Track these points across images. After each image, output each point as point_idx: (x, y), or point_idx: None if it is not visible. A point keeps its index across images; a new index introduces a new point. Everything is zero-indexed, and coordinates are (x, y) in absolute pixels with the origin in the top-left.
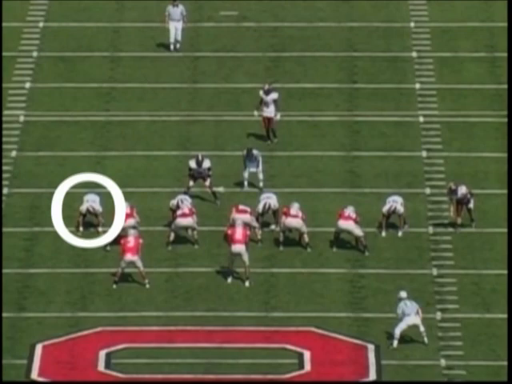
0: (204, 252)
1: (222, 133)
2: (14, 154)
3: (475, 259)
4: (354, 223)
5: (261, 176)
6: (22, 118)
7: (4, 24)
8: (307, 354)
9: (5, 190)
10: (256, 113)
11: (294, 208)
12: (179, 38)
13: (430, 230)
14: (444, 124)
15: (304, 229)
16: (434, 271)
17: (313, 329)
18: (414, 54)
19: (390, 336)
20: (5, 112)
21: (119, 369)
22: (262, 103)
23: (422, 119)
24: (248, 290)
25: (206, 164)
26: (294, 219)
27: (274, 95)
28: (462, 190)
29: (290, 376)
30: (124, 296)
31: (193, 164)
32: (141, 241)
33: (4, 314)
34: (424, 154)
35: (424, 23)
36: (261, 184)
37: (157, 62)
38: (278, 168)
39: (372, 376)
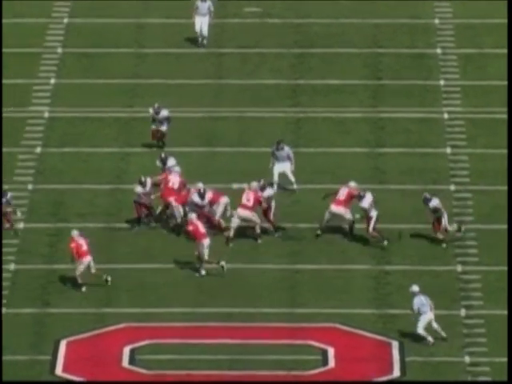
0: (229, 249)
1: (246, 129)
2: (38, 150)
3: (499, 256)
4: (345, 208)
5: (292, 177)
6: (46, 114)
7: (29, 20)
8: (331, 351)
9: (29, 186)
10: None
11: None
12: (205, 33)
13: (455, 226)
14: (468, 120)
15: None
16: (459, 268)
17: (337, 325)
18: (439, 51)
19: (417, 337)
20: (30, 108)
21: (143, 365)
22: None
23: (446, 116)
24: (272, 287)
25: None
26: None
27: (164, 113)
28: (435, 202)
29: (314, 372)
30: (148, 292)
31: (196, 198)
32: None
33: (28, 310)
34: (448, 150)
35: (448, 20)
36: (294, 186)
37: (181, 58)
38: (302, 164)
39: (396, 373)
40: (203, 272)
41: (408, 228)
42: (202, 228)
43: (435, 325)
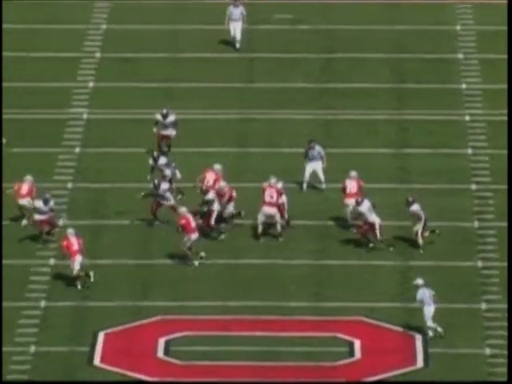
0: (259, 245)
1: (277, 130)
2: (77, 150)
3: None
4: (355, 198)
5: (322, 176)
6: (85, 116)
7: (68, 26)
8: (357, 343)
9: (69, 185)
10: (155, 129)
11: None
12: (239, 37)
13: (476, 224)
14: (489, 122)
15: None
16: (479, 263)
17: (363, 318)
18: (461, 56)
19: (429, 329)
20: (69, 110)
21: (178, 356)
22: (160, 124)
23: (467, 118)
24: (301, 281)
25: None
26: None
27: (171, 117)
28: (415, 207)
29: (341, 364)
30: (183, 286)
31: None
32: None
33: (68, 303)
34: (470, 151)
35: (470, 26)
36: (323, 185)
37: (214, 63)
38: (330, 164)
39: (419, 364)
40: (196, 263)
41: (432, 226)
42: (192, 222)
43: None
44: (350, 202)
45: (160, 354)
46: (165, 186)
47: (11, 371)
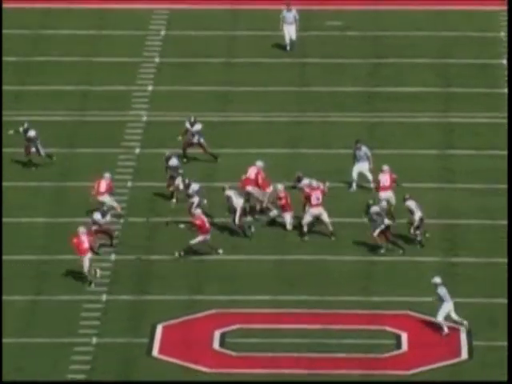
0: (308, 242)
1: (328, 132)
2: (137, 151)
3: None
4: (391, 191)
5: (369, 176)
6: (144, 118)
7: (129, 32)
8: (404, 336)
9: (129, 184)
10: (180, 137)
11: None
12: (294, 38)
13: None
14: None
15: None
16: None
17: (409, 312)
18: (504, 62)
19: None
20: (129, 112)
21: (232, 347)
22: (188, 132)
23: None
24: (349, 277)
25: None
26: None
27: (198, 126)
28: (408, 202)
29: (389, 355)
30: (236, 281)
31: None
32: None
33: (127, 297)
34: None
35: None
36: (371, 185)
37: (268, 67)
38: (377, 165)
39: (464, 355)
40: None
41: (474, 224)
42: (207, 223)
43: (455, 315)
44: (384, 195)
45: (216, 345)
46: (195, 186)
47: (73, 361)
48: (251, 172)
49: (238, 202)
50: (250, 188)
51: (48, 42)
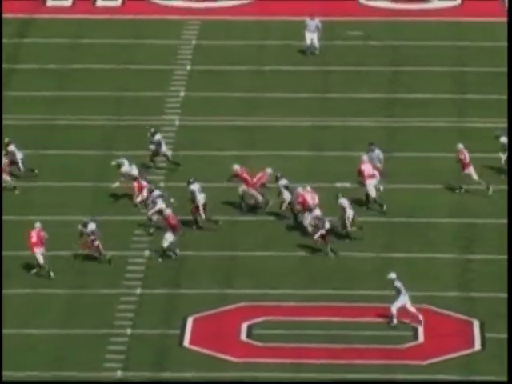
0: (330, 240)
1: (349, 136)
2: (170, 153)
3: None
4: (377, 178)
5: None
6: (177, 122)
7: (163, 41)
8: (421, 328)
9: (162, 184)
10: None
11: None
12: (316, 45)
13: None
14: None
15: None
16: None
17: (426, 306)
18: None
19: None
20: (163, 117)
21: (259, 339)
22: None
23: None
24: (370, 273)
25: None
26: None
27: (158, 136)
28: (340, 200)
29: (406, 346)
30: (264, 276)
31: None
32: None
33: (161, 291)
34: None
35: None
36: (381, 187)
37: (294, 75)
38: (395, 167)
39: (477, 347)
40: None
41: (489, 223)
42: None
43: (411, 308)
44: (372, 181)
45: (243, 336)
46: (156, 192)
47: (110, 351)
48: (258, 175)
49: (201, 197)
50: (244, 187)
51: (87, 50)
